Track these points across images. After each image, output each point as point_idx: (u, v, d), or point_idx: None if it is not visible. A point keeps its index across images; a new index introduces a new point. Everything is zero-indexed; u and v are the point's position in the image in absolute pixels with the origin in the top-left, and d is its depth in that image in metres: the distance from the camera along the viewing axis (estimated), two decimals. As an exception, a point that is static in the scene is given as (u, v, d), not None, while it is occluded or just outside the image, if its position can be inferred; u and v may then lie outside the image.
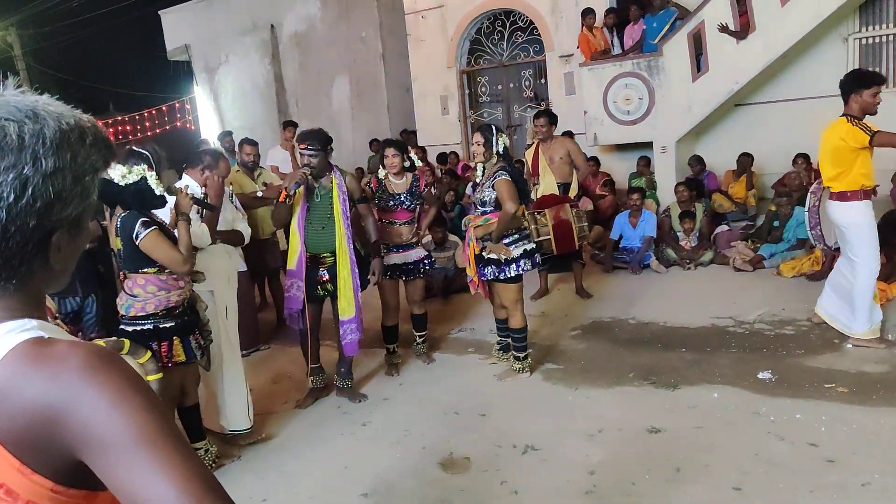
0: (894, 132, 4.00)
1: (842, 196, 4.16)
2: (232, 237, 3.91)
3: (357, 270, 4.01)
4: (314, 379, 4.21)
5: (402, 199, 4.34)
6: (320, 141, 3.95)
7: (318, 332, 4.19)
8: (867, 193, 4.15)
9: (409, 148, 5.04)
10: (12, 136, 0.75)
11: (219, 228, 3.69)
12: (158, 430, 0.74)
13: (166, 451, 0.73)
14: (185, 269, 3.04)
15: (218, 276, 3.67)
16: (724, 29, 7.09)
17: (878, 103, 4.09)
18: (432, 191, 5.07)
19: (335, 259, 3.99)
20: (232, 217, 3.98)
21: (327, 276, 4.00)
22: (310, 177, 3.90)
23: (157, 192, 2.99)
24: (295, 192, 3.88)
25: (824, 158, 4.26)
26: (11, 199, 0.75)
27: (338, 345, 4.18)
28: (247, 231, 4.05)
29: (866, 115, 4.09)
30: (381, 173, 4.39)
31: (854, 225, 4.17)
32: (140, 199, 2.97)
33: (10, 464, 0.73)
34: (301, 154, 3.96)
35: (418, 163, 4.57)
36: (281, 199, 3.86)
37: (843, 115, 4.15)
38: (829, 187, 4.24)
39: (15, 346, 0.75)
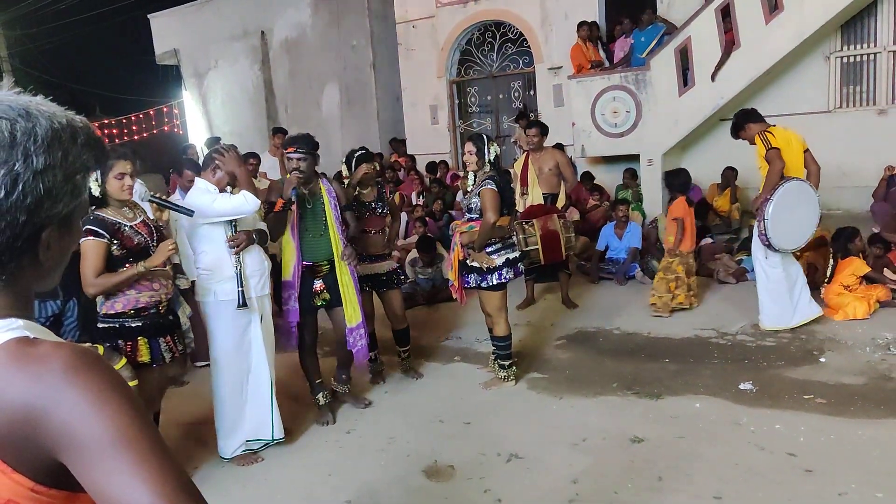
0: None
1: None
2: (260, 236, 3.72)
3: (357, 276, 3.99)
4: (323, 395, 4.06)
5: (374, 206, 4.36)
6: (308, 145, 3.88)
7: (315, 346, 4.09)
8: None
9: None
10: (4, 133, 0.76)
11: (242, 229, 3.51)
12: (137, 433, 0.74)
13: (143, 454, 0.73)
14: (87, 291, 2.97)
15: (254, 278, 3.57)
16: (718, 68, 7.23)
17: None
18: (395, 200, 5.11)
19: (331, 267, 3.94)
20: (252, 217, 3.78)
21: (323, 286, 3.94)
22: (301, 182, 3.82)
23: (92, 194, 2.90)
24: (295, 199, 3.77)
25: (800, 158, 4.73)
26: (2, 194, 0.76)
27: (337, 352, 4.13)
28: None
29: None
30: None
31: None
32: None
33: None
34: (289, 158, 3.85)
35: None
36: (277, 207, 3.74)
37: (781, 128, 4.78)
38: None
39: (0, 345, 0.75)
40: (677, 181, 5.57)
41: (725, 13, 7.22)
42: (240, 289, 3.45)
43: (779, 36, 6.99)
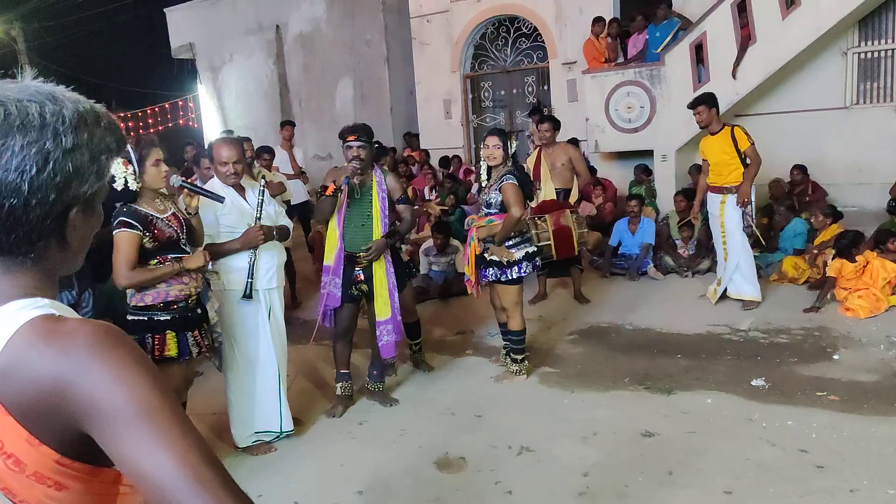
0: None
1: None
2: (281, 232, 3.72)
3: (393, 270, 3.95)
4: (342, 386, 4.04)
5: None
6: (367, 134, 3.86)
7: (351, 335, 4.09)
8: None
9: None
10: (34, 114, 0.80)
11: (263, 223, 3.52)
12: (160, 405, 0.77)
13: (167, 425, 0.76)
14: (118, 283, 2.96)
15: (265, 271, 3.58)
16: (736, 64, 7.18)
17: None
18: (409, 194, 5.13)
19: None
20: (275, 211, 3.76)
21: (362, 276, 3.93)
22: (358, 172, 3.78)
23: (118, 188, 2.88)
24: (346, 187, 3.76)
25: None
26: (34, 171, 0.80)
27: (372, 347, 4.13)
28: (290, 225, 3.87)
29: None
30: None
31: None
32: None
33: (19, 434, 0.77)
34: (349, 147, 3.81)
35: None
36: (328, 192, 3.75)
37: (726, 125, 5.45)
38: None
39: (27, 322, 0.78)
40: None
41: (741, 8, 7.14)
42: (249, 280, 3.46)
43: (795, 31, 6.92)
